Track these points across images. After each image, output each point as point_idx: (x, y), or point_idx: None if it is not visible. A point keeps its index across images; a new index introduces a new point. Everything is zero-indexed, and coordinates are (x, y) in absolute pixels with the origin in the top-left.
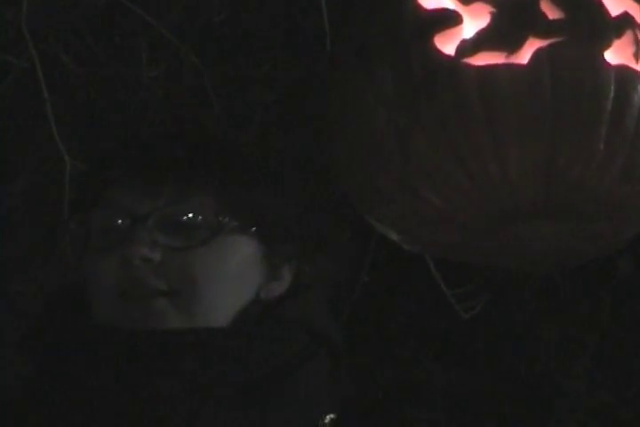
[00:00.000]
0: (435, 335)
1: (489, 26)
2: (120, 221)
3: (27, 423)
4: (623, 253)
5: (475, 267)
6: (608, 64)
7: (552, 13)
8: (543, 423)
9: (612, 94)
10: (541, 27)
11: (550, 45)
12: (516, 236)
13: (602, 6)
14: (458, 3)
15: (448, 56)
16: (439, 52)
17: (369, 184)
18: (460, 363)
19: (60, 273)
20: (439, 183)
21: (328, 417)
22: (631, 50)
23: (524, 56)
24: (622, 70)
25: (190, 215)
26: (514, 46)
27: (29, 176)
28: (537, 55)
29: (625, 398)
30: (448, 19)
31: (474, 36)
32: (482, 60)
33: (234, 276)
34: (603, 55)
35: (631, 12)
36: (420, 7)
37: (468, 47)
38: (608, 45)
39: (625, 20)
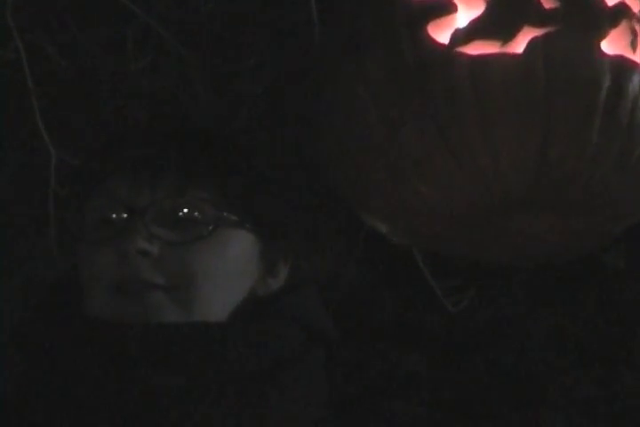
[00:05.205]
0: (421, 329)
1: (483, 15)
2: (117, 212)
3: (23, 421)
4: (612, 249)
5: (462, 261)
6: (603, 54)
7: (547, 2)
8: (530, 418)
9: (606, 84)
10: (536, 16)
11: (545, 35)
12: (505, 228)
13: None
14: None
15: (441, 45)
16: (433, 40)
17: (358, 175)
18: (446, 356)
19: (46, 266)
20: (429, 173)
21: None
22: (627, 40)
23: (519, 45)
24: (618, 60)
25: (188, 209)
26: (508, 35)
27: (14, 168)
28: (532, 45)
29: (612, 392)
30: (442, 7)
31: (468, 25)
32: (476, 49)
33: (231, 271)
34: (598, 45)
35: (627, 1)
36: None
37: (461, 36)
38: (604, 35)
39: (621, 10)
